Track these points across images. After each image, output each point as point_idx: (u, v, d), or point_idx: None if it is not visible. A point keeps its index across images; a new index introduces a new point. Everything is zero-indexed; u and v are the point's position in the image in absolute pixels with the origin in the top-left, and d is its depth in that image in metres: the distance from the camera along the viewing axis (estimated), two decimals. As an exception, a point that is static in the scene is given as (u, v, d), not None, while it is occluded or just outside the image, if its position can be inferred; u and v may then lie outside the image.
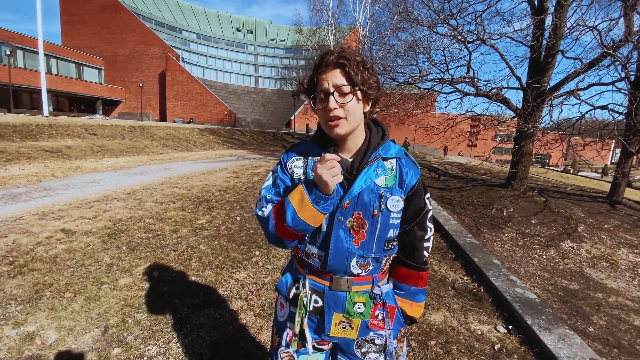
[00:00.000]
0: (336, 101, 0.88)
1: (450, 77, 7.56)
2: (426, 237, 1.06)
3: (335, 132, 0.91)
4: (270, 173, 1.05)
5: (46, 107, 17.62)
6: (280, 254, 3.70)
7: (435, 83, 8.08)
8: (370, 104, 0.96)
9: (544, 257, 4.70)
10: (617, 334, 2.92)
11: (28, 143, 10.00)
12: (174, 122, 34.26)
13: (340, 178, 0.86)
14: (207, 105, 38.31)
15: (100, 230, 4.00)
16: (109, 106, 38.17)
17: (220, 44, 47.23)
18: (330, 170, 0.84)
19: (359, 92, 0.90)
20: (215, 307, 2.55)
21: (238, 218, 4.89)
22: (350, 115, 0.90)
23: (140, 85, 33.85)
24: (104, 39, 37.58)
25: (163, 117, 38.70)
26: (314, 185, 0.87)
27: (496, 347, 2.32)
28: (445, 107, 8.63)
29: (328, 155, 0.85)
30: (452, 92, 8.01)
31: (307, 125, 36.99)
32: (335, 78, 0.88)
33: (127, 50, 37.80)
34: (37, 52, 19.01)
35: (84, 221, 4.30)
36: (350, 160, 0.96)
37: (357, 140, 0.97)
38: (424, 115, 11.74)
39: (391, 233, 0.99)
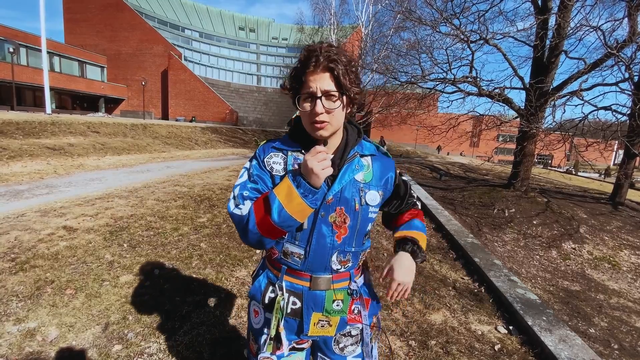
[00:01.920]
0: (323, 106, 0.87)
1: (452, 76, 7.54)
2: (414, 196, 1.17)
3: (320, 134, 0.92)
4: (244, 169, 1.01)
5: (49, 104, 17.69)
6: (281, 253, 3.70)
7: (437, 83, 8.07)
8: (351, 107, 0.97)
9: (546, 258, 4.68)
10: (618, 336, 2.90)
11: (31, 140, 10.04)
12: (176, 120, 34.32)
13: (330, 171, 0.87)
14: (209, 103, 38.36)
15: (102, 228, 4.01)
16: (111, 104, 38.27)
17: (223, 43, 47.25)
18: (322, 163, 0.84)
19: (344, 97, 0.91)
20: (216, 305, 2.55)
21: (239, 216, 4.89)
22: (335, 119, 0.91)
23: (143, 83, 33.91)
24: (106, 37, 37.65)
25: (165, 116, 38.77)
26: (302, 178, 0.86)
27: (496, 347, 2.32)
28: (448, 107, 8.61)
29: (319, 148, 0.86)
30: (455, 91, 7.99)
31: (309, 124, 36.92)
32: (323, 82, 0.87)
33: (129, 48, 37.87)
34: (40, 50, 19.06)
35: (85, 218, 4.31)
36: (331, 156, 0.96)
37: (336, 139, 0.98)
38: (426, 115, 11.71)
39: (369, 226, 1.03)
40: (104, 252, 3.35)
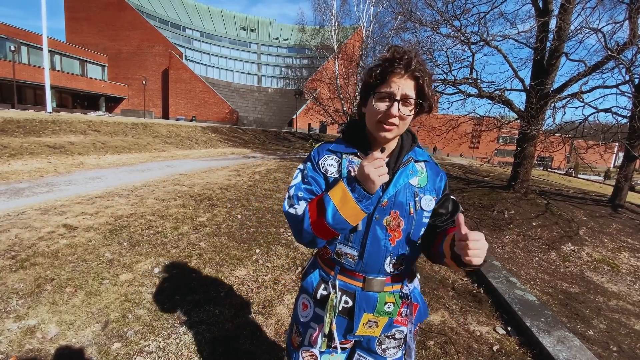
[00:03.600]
0: (399, 109, 0.89)
1: (453, 78, 7.54)
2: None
3: (384, 136, 0.93)
4: (298, 171, 1.04)
5: (50, 103, 17.70)
6: (281, 252, 3.71)
7: (438, 84, 8.05)
8: (417, 115, 0.99)
9: (545, 259, 4.68)
10: (617, 338, 2.91)
11: (31, 139, 10.05)
12: (177, 119, 34.34)
13: (386, 178, 0.87)
14: (209, 103, 38.38)
15: (102, 226, 4.02)
16: (112, 103, 38.29)
17: (224, 43, 47.31)
18: (378, 169, 0.85)
19: (418, 107, 0.93)
20: (215, 304, 2.56)
21: (239, 216, 4.90)
22: (404, 125, 0.93)
23: (144, 82, 33.95)
24: (107, 36, 37.70)
25: (166, 115, 38.79)
26: (357, 183, 0.87)
27: (495, 348, 2.32)
28: (448, 108, 8.61)
29: (376, 154, 0.86)
30: (455, 93, 7.99)
31: (309, 124, 36.99)
32: (407, 87, 0.89)
33: (130, 47, 37.91)
34: (41, 49, 19.08)
35: (85, 217, 4.32)
36: (386, 160, 0.97)
37: (393, 143, 1.00)
38: (427, 116, 11.73)
39: (422, 231, 1.02)
40: (104, 251, 3.36)
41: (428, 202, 1.00)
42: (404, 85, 0.89)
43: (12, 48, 21.34)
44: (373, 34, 18.73)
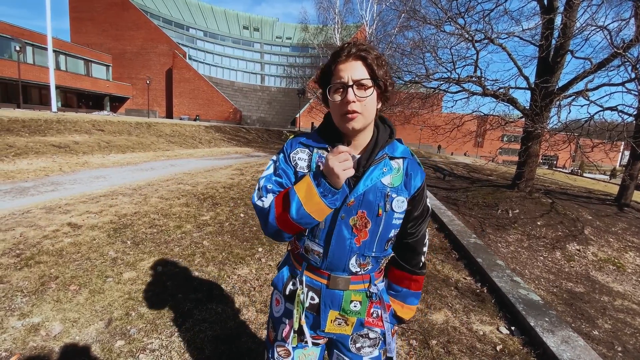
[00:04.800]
0: (355, 94, 0.85)
1: (457, 76, 7.50)
2: (424, 241, 1.08)
3: (351, 127, 0.88)
4: (271, 162, 1.01)
5: (55, 102, 17.85)
6: (283, 251, 3.71)
7: (441, 82, 8.01)
8: (381, 101, 0.95)
9: (550, 259, 4.65)
10: (622, 338, 2.88)
11: (36, 138, 10.13)
12: (180, 119, 34.48)
13: (351, 172, 0.84)
14: (213, 102, 38.49)
15: (106, 225, 4.04)
16: (116, 103, 38.54)
17: (227, 42, 47.39)
18: (343, 163, 0.82)
19: (376, 88, 0.88)
20: (218, 302, 2.56)
21: (242, 215, 4.91)
22: (367, 110, 0.87)
23: (147, 82, 34.13)
24: (112, 36, 37.92)
25: (169, 114, 38.96)
26: (323, 177, 0.84)
27: (498, 347, 2.31)
28: (452, 106, 8.57)
29: (341, 147, 0.83)
30: (459, 91, 7.95)
31: (312, 123, 36.98)
32: (355, 70, 0.86)
33: (134, 47, 38.10)
34: (46, 49, 19.22)
35: (90, 215, 4.35)
36: (358, 157, 0.93)
37: (365, 137, 0.94)
38: (430, 114, 11.66)
39: (392, 233, 0.99)
40: (108, 249, 3.38)
41: (400, 204, 0.95)
42: (351, 69, 0.86)
43: (17, 48, 21.54)
44: (376, 32, 18.67)
